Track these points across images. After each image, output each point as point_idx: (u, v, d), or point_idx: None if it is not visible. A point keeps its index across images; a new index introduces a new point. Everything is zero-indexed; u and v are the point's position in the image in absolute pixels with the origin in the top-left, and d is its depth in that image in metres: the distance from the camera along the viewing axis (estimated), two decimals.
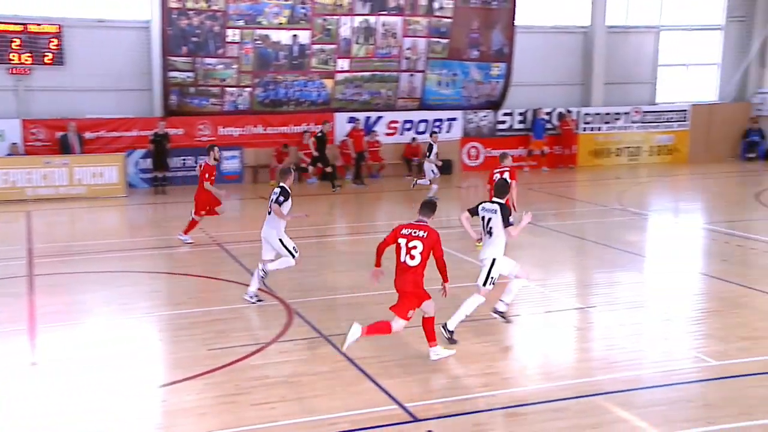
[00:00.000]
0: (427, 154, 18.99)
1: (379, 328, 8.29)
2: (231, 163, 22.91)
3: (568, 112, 26.63)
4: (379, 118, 24.64)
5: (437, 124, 25.04)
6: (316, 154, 21.72)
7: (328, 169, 21.73)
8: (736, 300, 10.91)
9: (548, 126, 26.31)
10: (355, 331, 8.09)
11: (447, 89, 25.26)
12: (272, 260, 10.76)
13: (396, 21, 23.95)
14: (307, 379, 8.16)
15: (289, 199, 10.62)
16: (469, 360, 8.65)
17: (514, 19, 25.14)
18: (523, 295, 10.55)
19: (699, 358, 8.70)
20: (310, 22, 23.13)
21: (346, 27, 23.44)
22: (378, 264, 8.57)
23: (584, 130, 26.92)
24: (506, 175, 13.04)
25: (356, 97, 24.36)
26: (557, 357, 8.99)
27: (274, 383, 8.07)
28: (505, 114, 26.04)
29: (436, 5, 24.20)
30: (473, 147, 25.60)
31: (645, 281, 12.60)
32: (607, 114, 27.07)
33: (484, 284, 9.13)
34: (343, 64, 23.73)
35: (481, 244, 9.65)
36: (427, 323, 8.53)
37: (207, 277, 12.52)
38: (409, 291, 8.30)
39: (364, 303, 10.66)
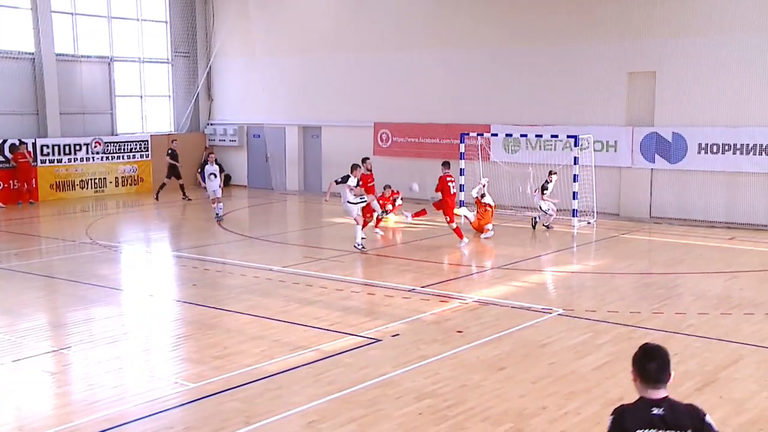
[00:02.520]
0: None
1: (459, 232, 17.34)
2: None
3: (22, 143, 25.05)
4: None
5: None
6: None
7: None
8: (207, 322, 11.40)
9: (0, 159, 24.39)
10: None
11: None
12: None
13: None
14: None
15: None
16: None
17: None
18: None
19: (179, 383, 8.85)
20: None
21: None
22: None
23: (43, 163, 25.62)
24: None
25: None
26: (31, 408, 8.28)
27: None
28: None
29: None
30: None
31: (122, 314, 12.42)
32: (67, 145, 26.19)
33: None
34: None
35: None
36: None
37: None
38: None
39: None
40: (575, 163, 19.78)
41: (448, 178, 17.64)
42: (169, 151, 26.12)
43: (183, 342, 10.67)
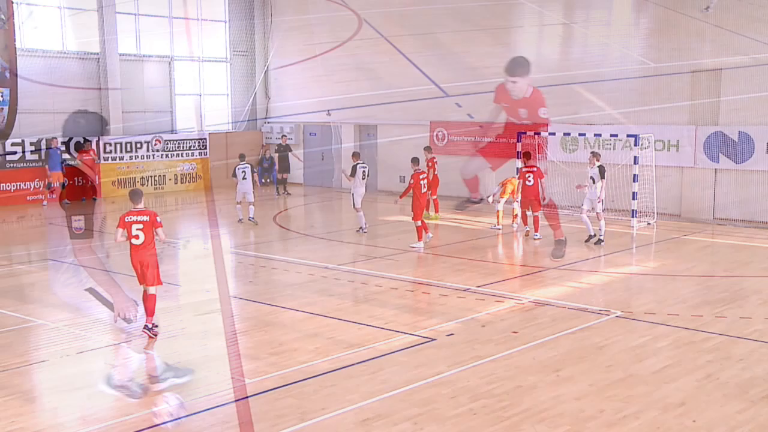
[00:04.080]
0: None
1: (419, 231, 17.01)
2: None
3: (87, 141, 25.60)
4: None
5: None
6: None
7: None
8: (263, 318, 11.50)
9: (65, 156, 24.99)
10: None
11: None
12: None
13: None
14: None
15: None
16: None
17: (14, 40, 23.36)
18: (52, 338, 9.77)
19: (235, 379, 8.93)
20: None
21: None
22: None
23: (106, 160, 26.20)
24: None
25: None
26: (94, 399, 8.46)
27: None
28: (14, 144, 24.07)
29: None
30: None
31: (180, 309, 12.60)
32: (129, 143, 26.74)
33: None
34: None
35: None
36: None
37: None
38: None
39: None
40: (635, 163, 19.36)
41: (422, 176, 17.30)
42: (276, 146, 28.06)
43: (239, 337, 10.77)
